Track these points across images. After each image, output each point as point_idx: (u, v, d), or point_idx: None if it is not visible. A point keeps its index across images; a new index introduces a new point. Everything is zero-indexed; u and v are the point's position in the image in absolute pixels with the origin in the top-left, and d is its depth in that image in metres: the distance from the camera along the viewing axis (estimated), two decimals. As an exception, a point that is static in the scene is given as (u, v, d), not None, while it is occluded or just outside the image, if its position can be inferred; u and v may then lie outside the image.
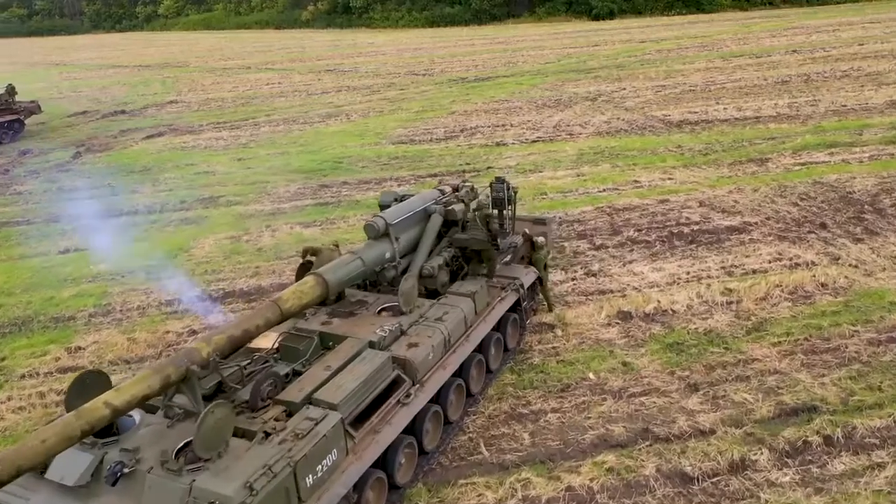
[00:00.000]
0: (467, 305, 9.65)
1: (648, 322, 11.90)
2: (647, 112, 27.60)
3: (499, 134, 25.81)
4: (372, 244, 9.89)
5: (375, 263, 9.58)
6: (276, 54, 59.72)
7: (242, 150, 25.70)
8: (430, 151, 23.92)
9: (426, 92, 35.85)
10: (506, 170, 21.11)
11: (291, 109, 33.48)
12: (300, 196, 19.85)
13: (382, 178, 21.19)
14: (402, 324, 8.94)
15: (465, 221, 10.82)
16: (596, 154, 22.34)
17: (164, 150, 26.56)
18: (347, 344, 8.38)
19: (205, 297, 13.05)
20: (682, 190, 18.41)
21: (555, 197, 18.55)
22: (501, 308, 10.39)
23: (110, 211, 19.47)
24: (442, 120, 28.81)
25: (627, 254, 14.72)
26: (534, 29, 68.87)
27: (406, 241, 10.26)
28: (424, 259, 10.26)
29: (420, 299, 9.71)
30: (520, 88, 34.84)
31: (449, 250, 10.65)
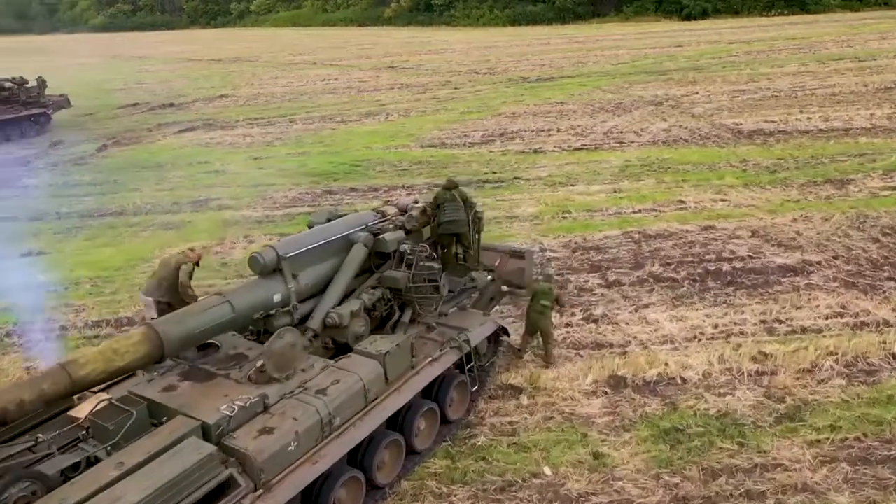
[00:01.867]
0: (371, 371, 7.24)
1: (645, 394, 9.12)
2: (716, 119, 24.16)
3: (540, 139, 23.09)
4: (254, 283, 7.64)
5: (255, 308, 7.32)
6: (347, 51, 58.68)
7: (264, 149, 24.10)
8: (458, 157, 21.51)
9: (480, 92, 33.40)
10: (533, 181, 18.48)
11: (334, 107, 31.80)
12: (298, 202, 17.89)
13: (395, 184, 18.98)
14: (269, 396, 6.65)
15: (407, 254, 8.39)
16: (643, 166, 19.32)
17: (187, 145, 25.33)
18: (172, 426, 6.17)
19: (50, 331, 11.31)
20: (734, 215, 15.24)
21: (578, 216, 15.77)
22: (430, 373, 7.91)
23: (98, 210, 18.14)
24: (484, 122, 26.32)
25: (645, 295, 11.87)
26: (618, 28, 65.04)
27: (314, 279, 7.97)
28: (335, 302, 7.93)
29: (314, 358, 7.40)
30: (580, 90, 31.86)
31: (373, 291, 8.27)
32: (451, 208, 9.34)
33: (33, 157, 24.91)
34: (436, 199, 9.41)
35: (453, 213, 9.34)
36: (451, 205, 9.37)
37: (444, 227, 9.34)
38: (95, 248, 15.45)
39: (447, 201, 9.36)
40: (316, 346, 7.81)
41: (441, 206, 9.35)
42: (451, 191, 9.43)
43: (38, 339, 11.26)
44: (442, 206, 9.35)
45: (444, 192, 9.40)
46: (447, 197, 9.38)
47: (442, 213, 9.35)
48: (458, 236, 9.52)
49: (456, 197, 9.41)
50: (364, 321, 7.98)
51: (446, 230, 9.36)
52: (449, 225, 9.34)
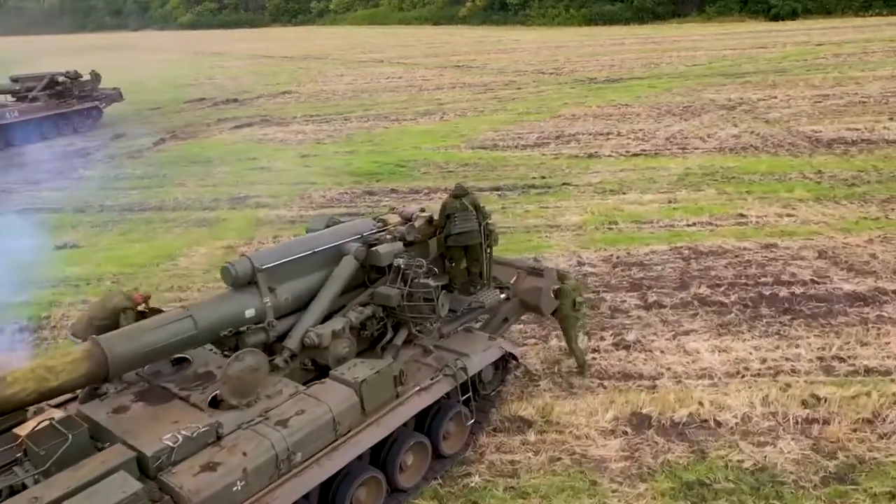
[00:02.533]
0: (343, 400, 6.46)
1: (671, 437, 8.01)
2: (793, 126, 22.30)
3: (597, 143, 21.85)
4: (223, 296, 6.99)
5: (223, 324, 6.66)
6: (416, 49, 58.34)
7: (313, 147, 23.77)
8: (508, 160, 20.55)
9: (542, 92, 32.24)
10: (582, 188, 17.34)
11: (391, 105, 31.31)
12: (335, 203, 17.35)
13: (437, 187, 18.20)
14: (224, 425, 5.97)
15: (404, 270, 7.58)
16: (705, 175, 17.87)
17: (240, 141, 25.29)
18: (106, 455, 5.57)
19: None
20: (800, 232, 13.74)
21: (625, 228, 14.59)
22: (417, 403, 7.06)
23: (139, 204, 18.13)
24: (541, 124, 25.22)
25: (687, 319, 10.67)
26: (699, 29, 62.29)
27: (296, 294, 7.27)
28: (317, 320, 7.20)
29: (285, 382, 6.69)
30: (649, 92, 30.27)
31: (361, 309, 7.50)
32: (462, 218, 8.48)
33: (94, 148, 25.40)
34: (444, 208, 8.57)
35: (463, 223, 8.48)
36: (462, 215, 8.51)
37: (452, 240, 8.49)
38: (127, 242, 15.32)
39: (457, 211, 8.51)
40: (293, 367, 7.10)
41: (451, 217, 8.51)
42: (462, 199, 8.58)
43: (45, 337, 11.03)
44: (451, 216, 8.50)
45: (454, 201, 8.55)
46: (457, 206, 8.52)
47: (451, 224, 8.50)
48: (468, 250, 8.65)
49: (466, 206, 8.55)
50: (348, 342, 7.21)
51: (455, 243, 8.51)
52: (458, 237, 8.49)
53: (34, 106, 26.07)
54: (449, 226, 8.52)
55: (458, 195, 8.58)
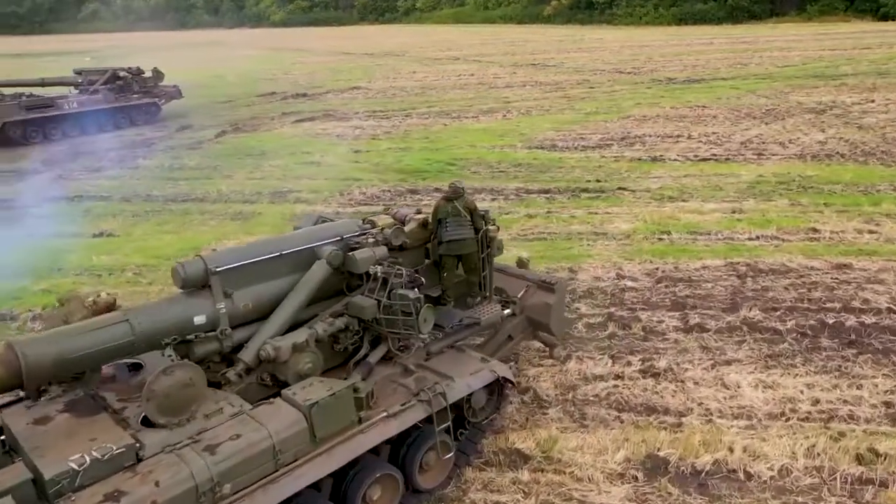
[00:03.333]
0: (289, 425, 5.67)
1: (689, 488, 6.83)
2: (889, 133, 20.11)
3: (663, 146, 20.33)
4: (171, 300, 6.33)
5: (166, 331, 5.99)
6: (495, 47, 57.38)
7: (368, 142, 23.24)
8: (564, 161, 19.36)
9: (616, 92, 30.69)
10: (639, 193, 16.01)
11: (456, 102, 30.51)
12: (375, 200, 16.68)
13: (484, 187, 17.26)
14: (146, 446, 5.30)
15: (382, 279, 6.74)
16: (778, 184, 16.19)
17: (298, 135, 25.08)
18: (2, 476, 4.96)
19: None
20: (882, 252, 12.06)
21: (678, 239, 13.23)
22: (382, 432, 6.18)
23: (183, 195, 18.02)
24: (608, 124, 23.82)
25: (731, 347, 9.36)
26: (797, 29, 58.63)
27: (259, 300, 6.54)
28: (278, 330, 6.44)
29: (232, 399, 5.96)
30: (730, 94, 28.27)
31: (332, 320, 6.69)
32: (454, 224, 7.56)
33: (159, 139, 25.77)
34: (436, 211, 7.66)
35: (455, 230, 7.56)
36: (454, 220, 7.59)
37: (444, 248, 7.57)
38: (160, 233, 15.12)
39: (448, 216, 7.59)
40: (248, 383, 6.36)
41: (442, 222, 7.59)
42: (454, 202, 7.65)
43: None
44: (443, 221, 7.59)
45: (445, 204, 7.63)
46: (448, 210, 7.60)
47: (442, 231, 7.59)
48: (462, 259, 7.71)
49: (459, 210, 7.61)
50: (312, 357, 6.40)
51: (447, 251, 7.59)
52: (450, 245, 7.56)
53: (94, 98, 26.63)
54: (440, 232, 7.61)
55: (450, 197, 7.66)
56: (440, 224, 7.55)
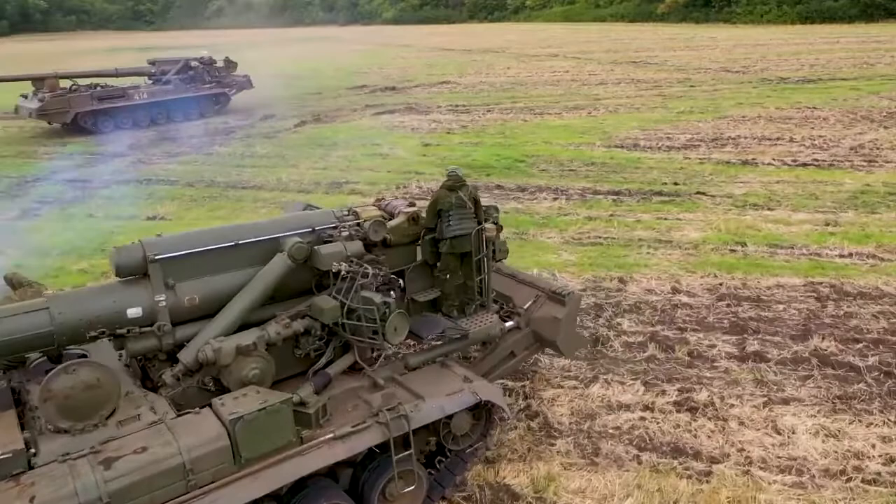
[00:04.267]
0: (206, 442, 4.91)
1: (702, 558, 5.55)
2: None
3: (759, 149, 18.36)
4: (101, 288, 5.72)
5: (92, 323, 5.37)
6: (599, 45, 55.27)
7: (441, 136, 22.47)
8: (642, 161, 17.82)
9: (716, 91, 28.44)
10: (719, 199, 14.38)
11: (542, 98, 29.22)
12: (429, 195, 15.83)
13: (547, 186, 16.09)
14: (42, 453, 4.69)
15: (351, 275, 5.88)
16: (888, 194, 14.11)
17: (374, 126, 24.65)
18: None
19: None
20: None
21: (754, 252, 11.61)
22: (324, 456, 5.31)
23: (243, 182, 17.91)
24: (700, 125, 21.92)
25: (793, 383, 7.87)
26: (941, 28, 53.05)
27: (209, 294, 5.83)
28: (225, 329, 5.71)
29: (157, 404, 5.29)
30: (850, 95, 25.50)
31: (287, 322, 5.88)
32: (458, 217, 6.59)
33: (240, 127, 26.07)
34: (435, 202, 6.70)
35: (460, 223, 6.59)
36: (458, 212, 6.62)
37: (447, 245, 6.61)
38: (211, 218, 14.92)
39: (451, 207, 6.61)
40: (187, 386, 5.66)
41: (443, 215, 6.63)
42: (458, 191, 6.66)
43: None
44: (444, 213, 6.63)
45: (448, 194, 6.66)
46: (451, 201, 6.63)
47: (444, 225, 6.62)
48: (464, 258, 6.72)
49: (464, 201, 6.63)
50: (260, 363, 5.61)
51: (451, 249, 6.62)
52: (454, 242, 6.59)
53: (164, 89, 27.08)
54: (441, 227, 6.65)
55: (453, 186, 6.67)
56: (440, 217, 6.60)
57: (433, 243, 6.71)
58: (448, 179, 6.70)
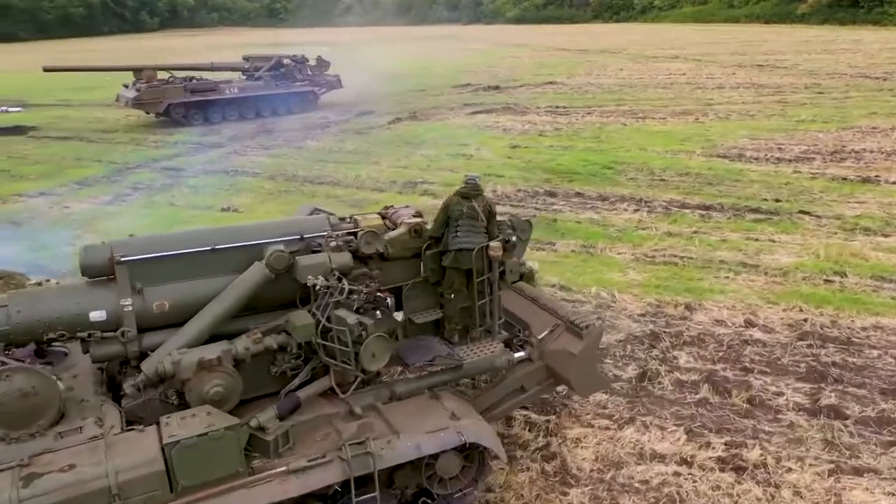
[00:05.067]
0: (139, 464, 4.53)
1: None
2: None
3: (885, 165, 16.30)
4: (65, 288, 5.44)
5: (51, 324, 5.12)
6: (724, 46, 52.01)
7: (531, 138, 21.58)
8: (744, 174, 16.22)
9: (848, 99, 25.76)
10: (825, 220, 12.76)
11: (650, 101, 27.58)
12: (504, 200, 15.10)
13: (632, 196, 14.93)
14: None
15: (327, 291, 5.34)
16: None
17: (466, 126, 24.10)
18: None
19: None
20: None
21: (853, 283, 10.09)
22: (272, 492, 4.78)
23: (321, 177, 17.88)
24: (820, 135, 19.82)
25: (872, 449, 6.62)
26: None
27: (182, 301, 5.46)
28: (192, 340, 5.31)
29: (108, 416, 4.96)
30: None
31: (259, 338, 5.39)
32: (467, 228, 5.89)
33: (335, 122, 26.29)
34: (445, 209, 6.02)
35: (468, 236, 5.88)
36: (467, 223, 5.93)
37: (451, 259, 5.94)
38: (281, 212, 14.87)
39: (464, 216, 5.92)
40: (148, 398, 5.28)
41: (451, 223, 5.95)
42: (473, 200, 5.95)
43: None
44: (454, 222, 5.94)
45: (460, 202, 5.97)
46: (464, 210, 5.93)
47: (450, 236, 5.94)
48: (471, 276, 5.99)
49: (477, 212, 5.92)
50: (225, 379, 5.15)
51: (454, 263, 5.94)
52: (459, 256, 5.90)
53: (255, 84, 27.60)
54: (447, 237, 5.97)
55: (467, 194, 5.97)
56: (447, 227, 5.92)
57: (437, 258, 6.04)
58: (464, 186, 6.01)
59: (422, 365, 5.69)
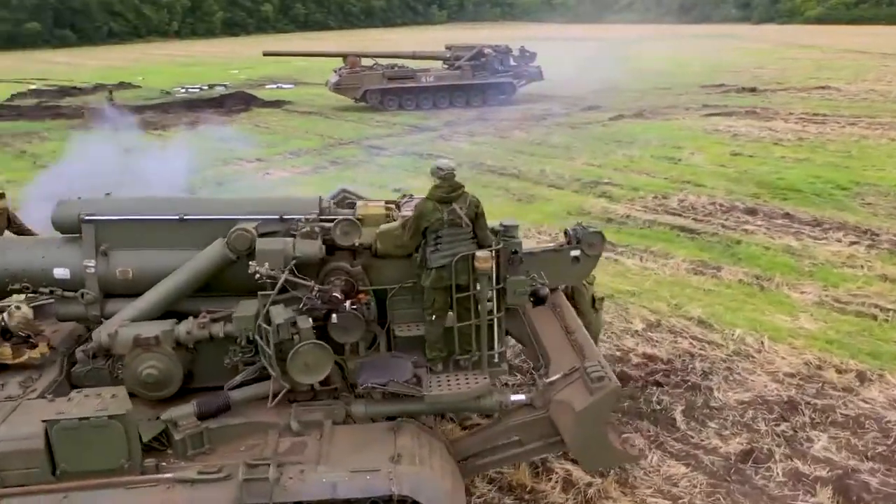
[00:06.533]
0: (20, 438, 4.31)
1: None
2: None
3: None
4: (35, 242, 5.39)
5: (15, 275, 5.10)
6: None
7: (762, 147, 18.55)
8: None
9: None
10: None
11: (941, 115, 22.35)
12: (688, 211, 13.04)
13: (856, 225, 11.99)
14: None
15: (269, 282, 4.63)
16: None
17: (692, 128, 21.51)
18: None
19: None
20: None
21: None
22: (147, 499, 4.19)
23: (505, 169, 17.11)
24: None
25: None
26: None
27: (148, 270, 5.10)
28: (144, 313, 4.95)
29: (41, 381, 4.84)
30: None
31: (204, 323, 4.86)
32: (450, 239, 4.74)
33: (555, 115, 25.21)
34: (419, 217, 4.89)
35: (452, 247, 4.73)
36: (450, 233, 4.79)
37: (433, 278, 4.85)
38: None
39: (444, 226, 4.79)
40: (96, 367, 5.00)
41: (430, 235, 4.83)
42: (452, 204, 4.77)
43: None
44: (433, 234, 4.82)
45: (438, 208, 4.86)
46: (444, 218, 4.81)
47: (430, 250, 4.84)
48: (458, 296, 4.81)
49: (460, 217, 4.74)
50: (161, 361, 4.73)
51: (439, 282, 4.82)
52: (441, 273, 4.77)
53: (451, 74, 27.05)
54: (424, 252, 4.85)
55: (446, 197, 4.80)
56: (425, 238, 4.82)
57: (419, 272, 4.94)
58: (438, 187, 4.84)
59: (372, 388, 4.68)
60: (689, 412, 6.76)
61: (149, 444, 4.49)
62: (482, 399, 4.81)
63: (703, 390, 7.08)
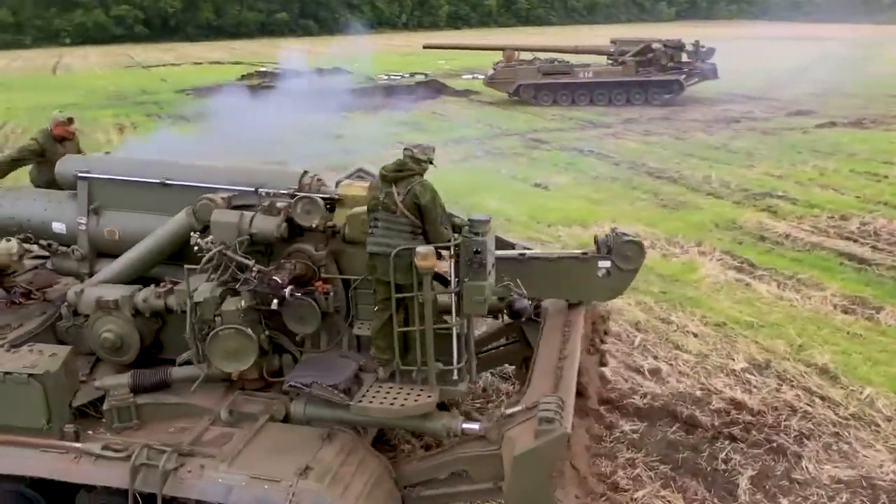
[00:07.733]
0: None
1: None
2: None
3: None
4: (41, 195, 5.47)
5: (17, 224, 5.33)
6: None
7: None
8: None
9: None
10: None
11: None
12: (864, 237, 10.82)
13: None
14: None
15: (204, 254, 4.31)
16: None
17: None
18: None
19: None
20: None
21: None
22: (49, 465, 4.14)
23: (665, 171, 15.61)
24: None
25: None
26: None
27: (135, 232, 5.03)
28: (115, 276, 4.90)
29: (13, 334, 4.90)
30: None
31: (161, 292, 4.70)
32: (385, 225, 4.05)
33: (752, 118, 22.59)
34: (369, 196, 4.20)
35: (387, 236, 4.06)
36: (385, 218, 4.09)
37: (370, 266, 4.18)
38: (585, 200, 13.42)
39: (380, 208, 4.08)
40: (77, 325, 5.02)
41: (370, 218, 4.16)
42: (395, 185, 4.03)
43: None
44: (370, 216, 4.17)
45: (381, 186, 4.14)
46: (381, 199, 4.10)
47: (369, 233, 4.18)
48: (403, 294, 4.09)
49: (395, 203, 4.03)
50: (119, 325, 4.66)
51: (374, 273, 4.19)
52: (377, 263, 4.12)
53: (611, 70, 24.95)
54: None
55: (384, 176, 4.07)
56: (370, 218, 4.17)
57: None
58: (394, 163, 4.10)
59: (292, 388, 4.12)
60: (759, 480, 5.39)
61: (85, 410, 4.37)
62: (427, 420, 4.07)
63: (788, 456, 5.62)
